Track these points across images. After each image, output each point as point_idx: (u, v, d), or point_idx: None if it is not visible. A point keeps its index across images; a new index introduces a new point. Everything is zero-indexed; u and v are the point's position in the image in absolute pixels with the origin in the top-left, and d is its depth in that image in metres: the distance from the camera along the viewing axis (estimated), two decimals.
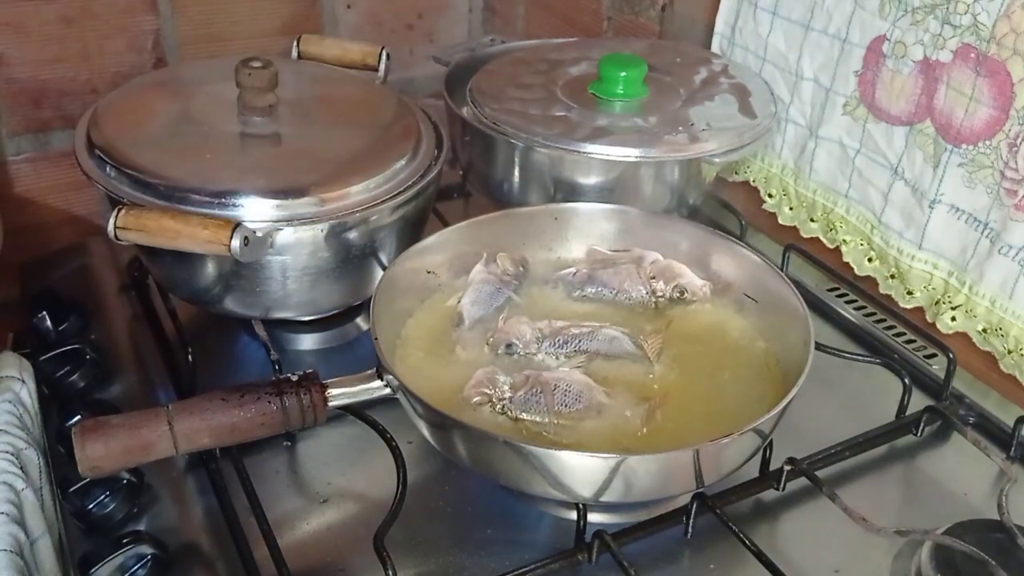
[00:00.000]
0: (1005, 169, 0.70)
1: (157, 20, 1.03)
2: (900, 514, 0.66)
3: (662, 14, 1.04)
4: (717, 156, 0.80)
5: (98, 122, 0.76)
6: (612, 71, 0.84)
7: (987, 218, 0.72)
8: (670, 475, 0.58)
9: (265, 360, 0.72)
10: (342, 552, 0.60)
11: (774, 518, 0.64)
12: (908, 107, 0.77)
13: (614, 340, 0.67)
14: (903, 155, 0.78)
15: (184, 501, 0.64)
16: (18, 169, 1.01)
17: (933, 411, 0.71)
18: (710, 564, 0.61)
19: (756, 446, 0.60)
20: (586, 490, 0.56)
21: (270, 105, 0.77)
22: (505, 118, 0.81)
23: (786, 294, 0.68)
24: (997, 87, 0.69)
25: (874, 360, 0.76)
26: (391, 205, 0.72)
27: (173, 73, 0.96)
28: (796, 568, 0.59)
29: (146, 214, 0.65)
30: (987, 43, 0.69)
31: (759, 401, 0.63)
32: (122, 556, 0.57)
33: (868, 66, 0.80)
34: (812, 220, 0.89)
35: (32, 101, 0.99)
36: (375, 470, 0.65)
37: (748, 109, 0.84)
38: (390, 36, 1.18)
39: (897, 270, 0.81)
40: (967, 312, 0.75)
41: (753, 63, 0.91)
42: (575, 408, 0.61)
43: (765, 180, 0.94)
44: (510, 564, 0.58)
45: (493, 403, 0.62)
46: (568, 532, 0.59)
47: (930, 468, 0.70)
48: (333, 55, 0.91)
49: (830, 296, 0.86)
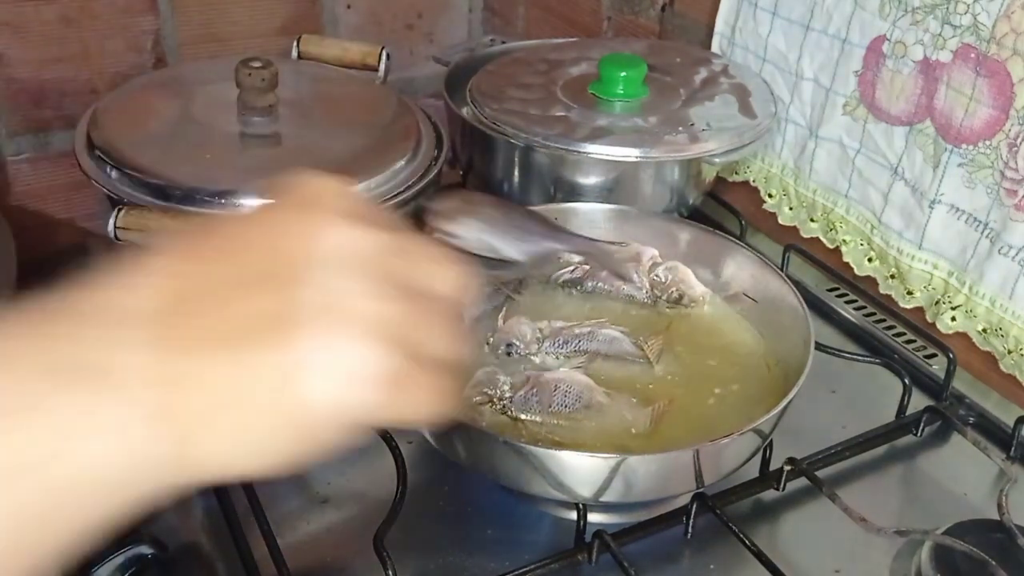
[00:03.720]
0: (1005, 169, 0.70)
1: (157, 20, 1.02)
2: (900, 514, 0.66)
3: (662, 14, 1.04)
4: (717, 156, 0.80)
5: (98, 122, 0.76)
6: (612, 71, 0.84)
7: (987, 218, 0.72)
8: (670, 475, 0.58)
9: None
10: (342, 552, 0.60)
11: (774, 518, 0.64)
12: (908, 107, 0.77)
13: (614, 340, 0.67)
14: (903, 155, 0.78)
15: (184, 501, 0.64)
16: (18, 169, 1.01)
17: (933, 411, 0.71)
18: (710, 564, 0.61)
19: (756, 446, 0.60)
20: (586, 490, 0.56)
21: (270, 105, 0.77)
22: (505, 118, 0.81)
23: (786, 294, 0.68)
24: (997, 87, 0.69)
25: (874, 360, 0.76)
26: (391, 205, 0.72)
27: (173, 73, 0.96)
28: (796, 568, 0.59)
29: (146, 214, 0.65)
30: (987, 43, 0.69)
31: (759, 401, 0.63)
32: (122, 556, 0.57)
33: (868, 66, 0.80)
34: (812, 220, 0.89)
35: (32, 101, 0.99)
36: (375, 470, 0.65)
37: (748, 109, 0.84)
38: (390, 36, 1.18)
39: (897, 270, 0.81)
40: (967, 312, 0.75)
41: (753, 63, 0.91)
42: (575, 408, 0.61)
43: (765, 180, 0.94)
44: (510, 564, 0.58)
45: (493, 403, 0.62)
46: (568, 532, 0.59)
47: (930, 468, 0.69)
48: (333, 55, 0.91)
49: (830, 296, 0.86)
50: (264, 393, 0.30)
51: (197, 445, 0.30)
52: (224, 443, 0.31)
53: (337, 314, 0.31)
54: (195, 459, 0.31)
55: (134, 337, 0.30)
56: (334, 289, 0.31)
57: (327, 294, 0.31)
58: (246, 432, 0.31)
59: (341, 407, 0.31)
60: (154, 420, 0.29)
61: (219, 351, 0.30)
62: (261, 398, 0.30)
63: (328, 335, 0.31)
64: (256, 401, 0.30)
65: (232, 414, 0.30)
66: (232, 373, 0.30)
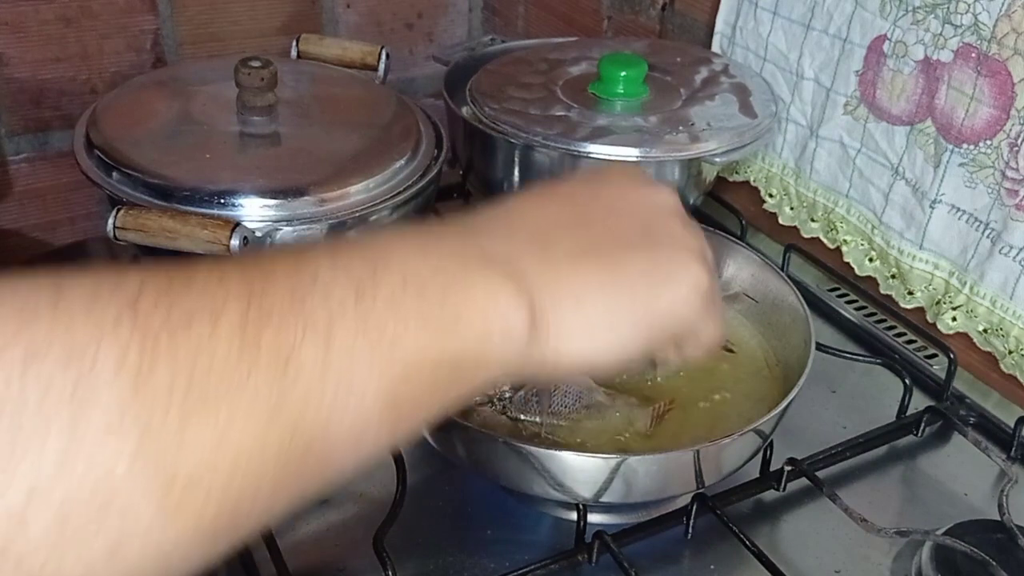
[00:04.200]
0: (1006, 169, 0.70)
1: (156, 20, 1.02)
2: (900, 514, 0.66)
3: (662, 14, 1.04)
4: (717, 156, 0.79)
5: (97, 122, 0.75)
6: (612, 71, 0.84)
7: (988, 218, 0.72)
8: (670, 475, 0.58)
9: None
10: (342, 552, 0.60)
11: (775, 518, 0.64)
12: (909, 107, 0.77)
13: None
14: (904, 155, 0.78)
15: None
16: (17, 169, 1.01)
17: (934, 411, 0.71)
18: (710, 565, 0.61)
19: (756, 446, 0.60)
20: (586, 490, 0.56)
21: (270, 105, 0.77)
22: (505, 118, 0.81)
23: (786, 294, 0.68)
24: (998, 87, 0.69)
25: (875, 360, 0.76)
26: (391, 205, 0.72)
27: (172, 73, 0.96)
28: (796, 568, 0.59)
29: (145, 214, 0.65)
30: (988, 43, 0.69)
31: (759, 401, 0.63)
32: None
33: (869, 66, 0.80)
34: (813, 220, 0.89)
35: (31, 101, 0.99)
36: (375, 470, 0.65)
37: (748, 109, 0.84)
38: (390, 36, 1.18)
39: (898, 270, 0.81)
40: (968, 312, 0.75)
41: (753, 63, 0.91)
42: (575, 408, 0.61)
43: (765, 180, 0.94)
44: (510, 564, 0.58)
45: (493, 403, 0.62)
46: (568, 532, 0.59)
47: (930, 468, 0.69)
48: (333, 55, 0.91)
49: (831, 296, 0.86)
50: (628, 292, 0.39)
51: (567, 339, 0.37)
52: (589, 341, 0.38)
53: (682, 241, 0.41)
54: (560, 350, 0.37)
55: (529, 251, 0.37)
56: (672, 223, 0.42)
57: (670, 226, 0.42)
58: (607, 327, 0.38)
59: (684, 310, 0.40)
60: (539, 315, 0.36)
61: (591, 258, 0.39)
62: (625, 296, 0.39)
63: (682, 254, 0.41)
64: (620, 299, 0.39)
65: (600, 309, 0.38)
66: (603, 275, 0.39)
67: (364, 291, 0.31)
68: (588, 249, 0.39)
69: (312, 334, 0.29)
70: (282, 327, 0.29)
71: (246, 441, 0.28)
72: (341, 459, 0.32)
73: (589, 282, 0.38)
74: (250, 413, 0.28)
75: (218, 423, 0.27)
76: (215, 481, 0.27)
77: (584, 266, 0.38)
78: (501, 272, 0.35)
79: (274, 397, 0.28)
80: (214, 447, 0.27)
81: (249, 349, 0.28)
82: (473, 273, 0.35)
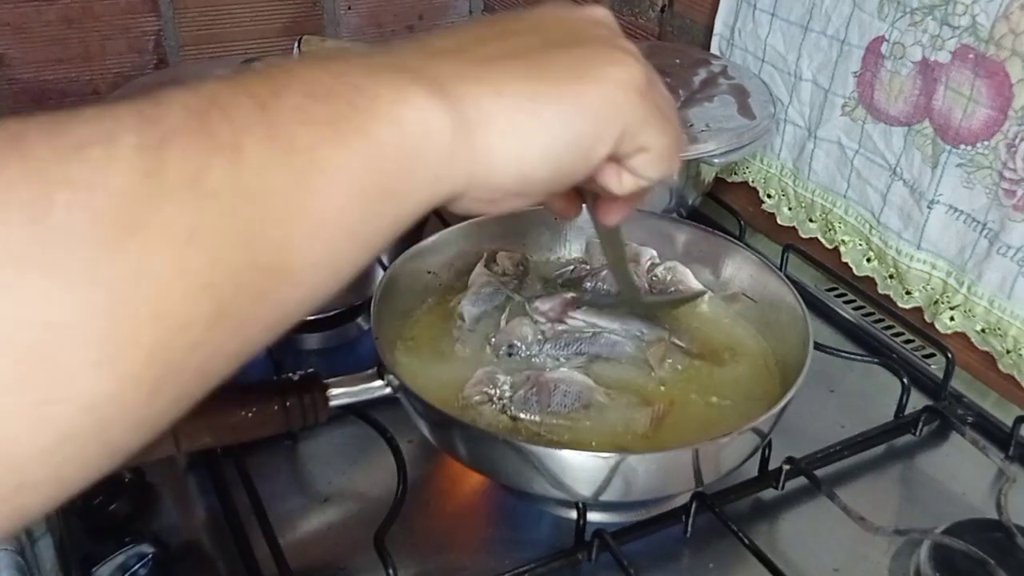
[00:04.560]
0: (1003, 169, 0.70)
1: (159, 21, 1.03)
2: (899, 513, 0.66)
3: (661, 15, 1.04)
4: (716, 156, 0.80)
5: None
6: None
7: (985, 218, 0.72)
8: (670, 474, 0.58)
9: (266, 360, 0.73)
10: (343, 551, 0.61)
11: (773, 517, 0.65)
12: (907, 108, 0.77)
13: (616, 344, 0.67)
14: (902, 155, 0.79)
15: (185, 500, 0.65)
16: None
17: (932, 411, 0.71)
18: (709, 563, 0.61)
19: (755, 445, 0.61)
20: (586, 489, 0.56)
21: None
22: None
23: (785, 294, 0.68)
24: (995, 88, 0.69)
25: (873, 360, 0.76)
26: None
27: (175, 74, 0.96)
28: (795, 567, 0.60)
29: None
30: (985, 44, 0.69)
31: (758, 400, 0.63)
32: (123, 555, 0.57)
33: (867, 67, 0.80)
34: (811, 220, 0.89)
35: (34, 102, 0.99)
36: (376, 469, 0.65)
37: (747, 110, 0.84)
38: (391, 37, 1.19)
39: (896, 270, 0.81)
40: (965, 312, 0.75)
41: (752, 64, 0.91)
42: (575, 408, 0.61)
43: (764, 181, 0.94)
44: (510, 564, 0.58)
45: (493, 402, 0.62)
46: (568, 531, 0.59)
47: (929, 468, 0.70)
48: None
49: (829, 296, 0.87)
50: (552, 82, 0.36)
51: (493, 133, 0.35)
52: (515, 135, 0.35)
53: (612, 42, 0.39)
54: (489, 147, 0.35)
55: (443, 58, 0.35)
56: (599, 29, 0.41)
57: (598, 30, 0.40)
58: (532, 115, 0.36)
59: (616, 107, 0.38)
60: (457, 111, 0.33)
61: (510, 59, 0.36)
62: (548, 85, 0.36)
63: (610, 50, 0.39)
64: (543, 87, 0.36)
65: (522, 100, 0.35)
66: (522, 69, 0.36)
67: (267, 103, 0.29)
68: (508, 53, 0.37)
69: (220, 150, 0.27)
70: (186, 147, 0.26)
71: (165, 272, 0.25)
72: (277, 294, 0.29)
73: (507, 74, 0.36)
74: (164, 240, 0.25)
75: (129, 254, 0.25)
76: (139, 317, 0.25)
77: (502, 63, 0.36)
78: (411, 77, 0.33)
79: (187, 219, 0.26)
80: (132, 282, 0.25)
81: (153, 172, 0.26)
82: (380, 77, 0.32)
